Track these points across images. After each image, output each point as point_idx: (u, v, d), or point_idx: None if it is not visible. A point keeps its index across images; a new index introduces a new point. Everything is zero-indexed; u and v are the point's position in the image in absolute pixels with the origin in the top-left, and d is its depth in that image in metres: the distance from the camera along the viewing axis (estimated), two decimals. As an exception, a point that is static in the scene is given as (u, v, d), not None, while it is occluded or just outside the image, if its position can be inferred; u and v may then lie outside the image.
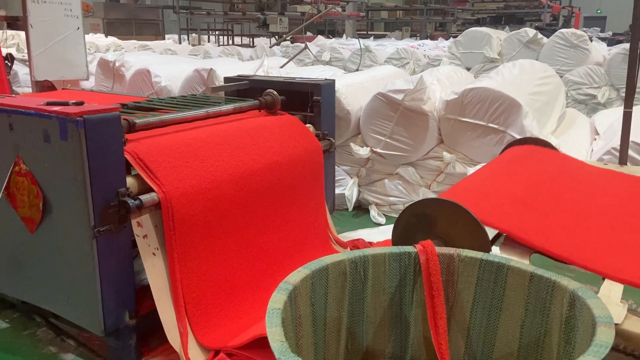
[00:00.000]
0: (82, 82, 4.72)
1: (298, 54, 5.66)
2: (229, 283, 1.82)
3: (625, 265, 1.28)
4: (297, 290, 0.88)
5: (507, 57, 6.10)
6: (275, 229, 2.00)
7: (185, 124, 2.12)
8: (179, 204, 1.73)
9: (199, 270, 1.77)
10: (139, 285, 1.88)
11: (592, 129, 3.83)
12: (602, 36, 12.75)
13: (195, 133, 2.02)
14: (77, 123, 1.51)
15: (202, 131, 2.05)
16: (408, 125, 3.40)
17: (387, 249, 1.05)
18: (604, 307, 0.85)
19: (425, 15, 16.55)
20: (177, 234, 1.74)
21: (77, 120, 1.51)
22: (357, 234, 3.24)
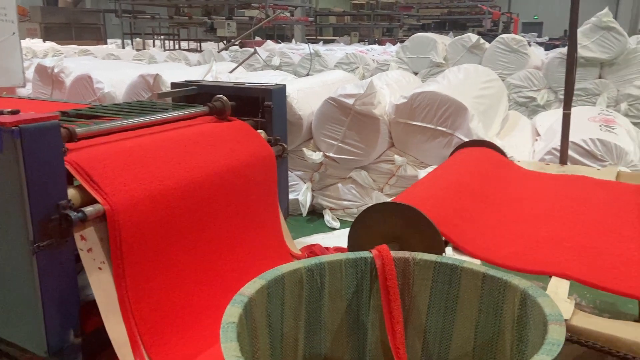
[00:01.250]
0: (19, 89, 4.48)
1: (247, 58, 5.61)
2: (180, 294, 1.76)
3: (571, 262, 1.33)
4: (253, 301, 0.85)
5: (452, 61, 6.28)
6: (228, 238, 1.96)
7: (130, 131, 2.05)
8: (125, 215, 1.66)
9: (150, 284, 1.70)
10: (84, 302, 1.79)
11: (534, 130, 3.99)
12: (539, 41, 13.36)
13: (141, 141, 1.95)
14: (12, 133, 1.42)
15: (148, 139, 1.98)
16: (360, 129, 3.42)
17: (343, 255, 1.05)
18: (554, 305, 0.87)
19: (373, 21, 16.84)
20: (125, 246, 1.67)
21: (13, 130, 1.42)
22: (312, 239, 3.23)
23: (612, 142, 2.89)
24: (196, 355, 1.60)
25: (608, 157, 2.89)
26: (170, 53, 7.71)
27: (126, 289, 1.67)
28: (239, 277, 1.90)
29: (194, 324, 1.74)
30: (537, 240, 1.46)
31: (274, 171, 2.45)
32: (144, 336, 1.65)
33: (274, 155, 2.48)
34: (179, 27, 12.40)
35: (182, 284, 1.73)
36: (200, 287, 1.75)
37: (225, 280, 1.84)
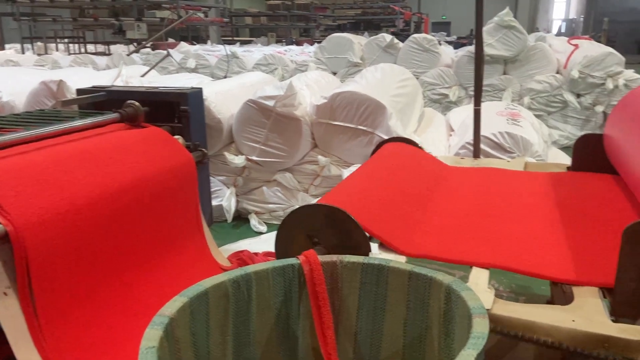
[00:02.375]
0: None
1: (160, 61, 5.40)
2: (98, 319, 1.64)
3: (488, 250, 1.39)
4: (174, 321, 0.80)
5: (368, 61, 6.43)
6: (148, 256, 1.85)
7: (32, 143, 1.88)
8: (31, 235, 1.52)
9: (64, 309, 1.57)
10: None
11: (448, 125, 4.17)
12: (448, 40, 14.00)
13: (45, 153, 1.80)
14: None
15: (53, 150, 1.84)
16: (281, 131, 3.40)
17: (270, 263, 1.02)
18: (476, 298, 0.90)
19: (289, 22, 16.88)
20: (32, 268, 1.53)
21: None
22: (238, 245, 3.16)
23: (518, 134, 3.08)
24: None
25: (515, 149, 3.08)
26: (75, 57, 7.27)
27: (36, 316, 1.53)
28: (163, 298, 1.80)
29: (115, 351, 1.63)
30: (459, 230, 1.51)
31: (195, 178, 2.36)
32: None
33: (193, 162, 2.39)
34: (84, 30, 11.71)
35: (100, 309, 1.61)
36: (119, 310, 1.64)
37: (148, 304, 1.73)
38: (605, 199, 1.73)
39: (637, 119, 1.77)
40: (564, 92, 5.44)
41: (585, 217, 1.60)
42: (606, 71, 5.31)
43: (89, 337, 1.49)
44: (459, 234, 1.48)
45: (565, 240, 1.45)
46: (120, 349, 1.59)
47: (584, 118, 5.47)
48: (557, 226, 1.53)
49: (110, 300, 1.58)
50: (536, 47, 5.68)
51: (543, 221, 1.58)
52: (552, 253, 1.39)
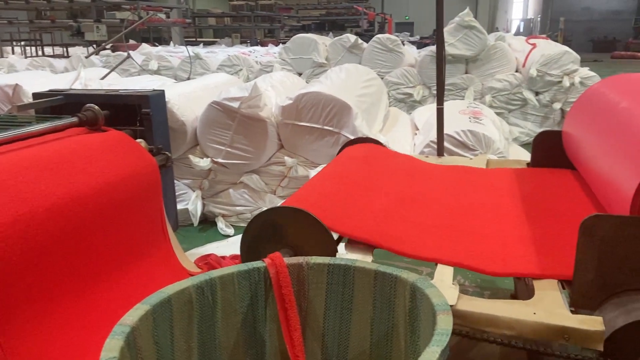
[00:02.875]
0: None
1: (120, 63, 5.28)
2: (59, 325, 1.58)
3: (453, 248, 1.41)
4: (136, 331, 0.78)
5: (333, 61, 6.45)
6: (112, 266, 1.79)
7: (-14, 150, 1.81)
8: (-15, 246, 1.46)
9: (23, 322, 1.51)
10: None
11: (413, 125, 4.23)
12: (411, 40, 14.20)
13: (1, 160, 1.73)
14: None
15: (8, 157, 1.77)
16: (247, 132, 3.37)
17: (235, 267, 1.01)
18: (440, 295, 0.91)
19: (253, 22, 16.78)
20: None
21: None
22: (205, 249, 3.12)
23: (480, 132, 3.15)
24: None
25: (478, 147, 3.14)
26: (32, 60, 7.03)
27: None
28: (128, 308, 1.75)
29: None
30: (424, 227, 1.53)
31: (158, 182, 2.32)
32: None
33: (156, 166, 2.35)
34: (41, 32, 11.35)
35: (61, 324, 1.54)
36: (81, 324, 1.58)
37: (112, 316, 1.67)
38: (563, 194, 1.78)
39: (593, 116, 1.83)
40: (523, 90, 5.59)
41: (544, 211, 1.64)
42: (563, 69, 5.48)
43: (49, 354, 1.43)
44: (424, 230, 1.50)
45: (525, 235, 1.49)
46: (73, 319, 1.53)
47: (543, 115, 5.63)
48: (518, 221, 1.57)
49: (72, 314, 1.52)
50: (496, 47, 5.81)
51: (504, 217, 1.62)
52: (513, 248, 1.42)
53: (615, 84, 1.94)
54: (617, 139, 1.51)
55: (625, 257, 1.22)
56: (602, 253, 1.22)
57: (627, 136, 1.44)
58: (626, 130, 1.47)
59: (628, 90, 1.78)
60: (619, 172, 1.38)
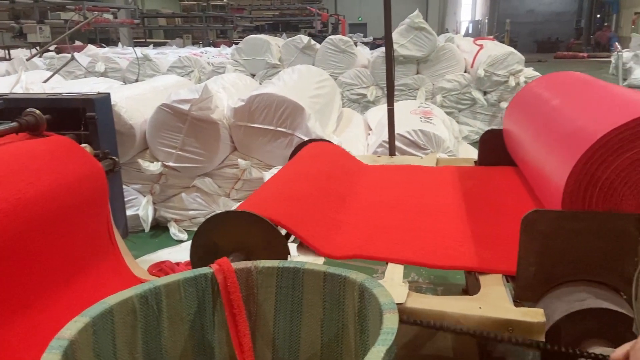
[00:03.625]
0: None
1: (64, 65, 5.08)
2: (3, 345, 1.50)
3: (402, 246, 1.43)
4: (75, 344, 0.75)
5: (286, 62, 6.43)
6: (56, 279, 1.70)
7: None
8: None
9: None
10: None
11: (366, 125, 4.27)
12: (365, 41, 14.35)
13: None
14: None
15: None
16: (198, 135, 3.32)
17: (181, 274, 0.98)
18: (387, 294, 0.92)
19: (205, 23, 16.52)
20: None
21: None
22: (158, 255, 3.05)
23: (431, 131, 3.21)
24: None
25: (429, 146, 3.21)
26: (-30, 62, 6.67)
27: None
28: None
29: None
30: (374, 227, 1.55)
31: (105, 188, 2.24)
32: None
33: (102, 171, 2.27)
34: (-20, 33, 10.79)
35: (3, 342, 1.45)
36: (22, 340, 1.49)
37: (56, 331, 1.59)
38: (506, 190, 1.84)
39: (528, 113, 1.90)
40: (472, 90, 5.75)
41: (489, 208, 1.69)
42: (508, 69, 5.68)
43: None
44: (375, 230, 1.52)
45: (472, 232, 1.53)
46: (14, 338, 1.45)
47: (491, 114, 5.81)
48: (465, 218, 1.61)
49: (12, 330, 1.44)
50: (445, 48, 5.95)
51: (452, 214, 1.65)
52: (461, 244, 1.45)
53: (547, 83, 2.02)
54: (549, 135, 1.57)
55: (564, 250, 1.27)
56: (543, 247, 1.27)
57: (557, 132, 1.50)
58: (556, 127, 1.53)
59: (559, 88, 1.86)
60: (551, 168, 1.44)
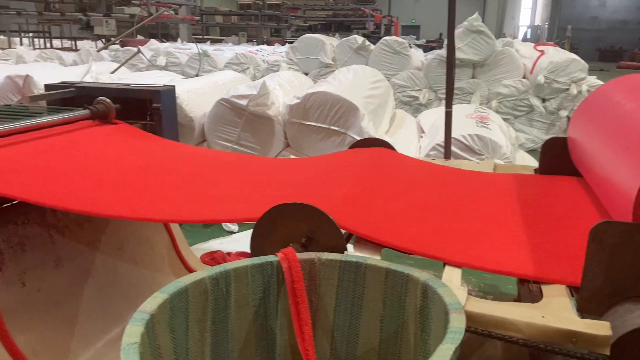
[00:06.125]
0: None
1: (130, 58, 5.30)
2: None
3: (461, 249, 1.42)
4: (155, 318, 0.80)
5: (340, 62, 6.46)
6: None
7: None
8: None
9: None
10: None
11: (418, 127, 4.23)
12: (417, 43, 14.21)
13: (14, 149, 1.75)
14: None
15: (21, 147, 1.79)
16: (254, 130, 3.39)
17: (249, 260, 1.02)
18: (453, 295, 0.92)
19: (260, 21, 16.80)
20: None
21: None
22: (209, 244, 3.14)
23: (487, 137, 3.16)
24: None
25: (484, 151, 3.15)
26: (41, 52, 7.06)
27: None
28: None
29: None
30: (433, 228, 1.54)
31: (167, 176, 2.33)
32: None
33: (166, 160, 2.36)
34: (49, 24, 11.38)
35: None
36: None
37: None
38: (570, 200, 1.79)
39: (595, 121, 1.84)
40: (530, 97, 5.59)
41: (551, 217, 1.65)
42: (570, 77, 5.49)
43: None
44: (433, 231, 1.51)
45: (533, 240, 1.50)
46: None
47: (549, 122, 5.64)
48: (526, 226, 1.58)
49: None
50: (504, 52, 5.82)
51: (512, 221, 1.62)
52: (522, 252, 1.43)
53: (619, 86, 1.94)
54: (619, 142, 1.51)
55: (632, 263, 1.23)
56: (611, 259, 1.23)
57: (628, 139, 1.45)
58: (628, 133, 1.48)
59: (633, 92, 1.78)
60: (620, 178, 1.39)
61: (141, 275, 2.17)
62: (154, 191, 1.65)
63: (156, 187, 1.69)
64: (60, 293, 1.77)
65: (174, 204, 1.54)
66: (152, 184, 1.71)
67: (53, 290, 1.74)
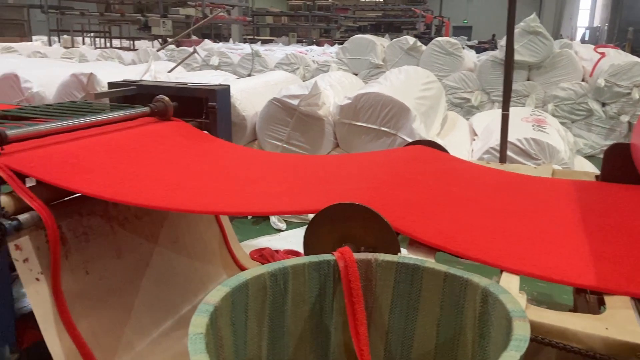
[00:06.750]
0: None
1: (187, 57, 5.46)
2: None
3: (520, 256, 1.38)
4: (218, 310, 0.82)
5: (390, 63, 6.42)
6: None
7: (66, 134, 1.92)
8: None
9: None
10: (19, 315, 1.67)
11: (471, 130, 4.15)
12: (469, 44, 13.90)
13: (80, 144, 1.84)
14: (-63, 135, 1.30)
15: (88, 141, 1.88)
16: (304, 130, 3.42)
17: (306, 258, 1.03)
18: (515, 302, 0.90)
19: (311, 22, 16.92)
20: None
21: (-62, 132, 1.30)
22: (258, 241, 3.19)
23: (544, 141, 3.06)
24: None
25: (541, 156, 3.05)
26: (102, 51, 7.37)
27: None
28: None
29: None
30: (489, 233, 1.51)
31: (221, 173, 2.39)
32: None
33: (220, 157, 2.42)
34: (110, 25, 11.88)
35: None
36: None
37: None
38: (635, 210, 1.71)
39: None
40: (589, 101, 5.38)
41: (616, 227, 1.58)
42: (632, 81, 5.24)
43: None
44: (490, 237, 1.48)
45: (595, 250, 1.44)
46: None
47: (609, 127, 5.40)
48: (589, 236, 1.52)
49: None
50: (562, 54, 5.62)
51: (575, 230, 1.57)
52: (583, 261, 1.38)
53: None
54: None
55: None
56: (683, 272, 1.16)
57: None
58: None
59: None
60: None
61: (194, 268, 2.23)
62: (211, 185, 1.70)
63: (213, 181, 1.74)
64: (120, 282, 1.84)
65: (234, 196, 1.58)
66: (209, 179, 1.76)
67: (114, 280, 1.81)
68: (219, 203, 1.58)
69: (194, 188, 1.66)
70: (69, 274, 1.68)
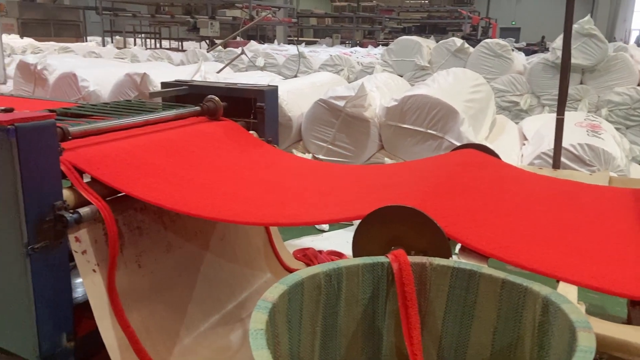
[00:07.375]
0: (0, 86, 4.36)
1: (235, 58, 5.56)
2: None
3: (576, 267, 1.33)
4: (276, 307, 0.83)
5: (436, 65, 6.33)
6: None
7: (123, 131, 1.99)
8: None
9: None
10: (75, 304, 1.74)
11: (521, 134, 4.04)
12: (517, 46, 13.53)
13: (137, 141, 1.90)
14: (8, 132, 1.36)
15: (144, 139, 1.94)
16: (349, 131, 3.42)
17: (360, 260, 1.03)
18: (579, 312, 0.87)
19: (355, 23, 16.90)
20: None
21: (8, 128, 1.36)
22: (301, 241, 3.20)
23: (600, 147, 2.94)
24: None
25: (596, 162, 2.94)
26: (152, 52, 7.59)
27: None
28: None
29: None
30: (546, 243, 1.47)
31: (269, 172, 2.42)
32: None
33: (268, 157, 2.45)
34: (160, 26, 12.24)
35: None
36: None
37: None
38: None
39: None
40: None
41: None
42: (693, 85, 4.98)
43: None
44: (545, 245, 1.43)
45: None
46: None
47: (667, 134, 5.15)
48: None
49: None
50: (617, 58, 5.40)
51: (635, 241, 1.50)
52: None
53: None
54: None
55: None
56: None
57: None
58: None
59: None
60: None
61: (239, 265, 2.26)
62: (265, 197, 1.72)
63: (266, 192, 1.76)
64: (170, 277, 1.89)
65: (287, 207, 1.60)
66: (261, 189, 1.79)
67: (164, 274, 1.86)
68: (274, 214, 1.60)
69: (248, 199, 1.69)
70: (122, 267, 1.73)
